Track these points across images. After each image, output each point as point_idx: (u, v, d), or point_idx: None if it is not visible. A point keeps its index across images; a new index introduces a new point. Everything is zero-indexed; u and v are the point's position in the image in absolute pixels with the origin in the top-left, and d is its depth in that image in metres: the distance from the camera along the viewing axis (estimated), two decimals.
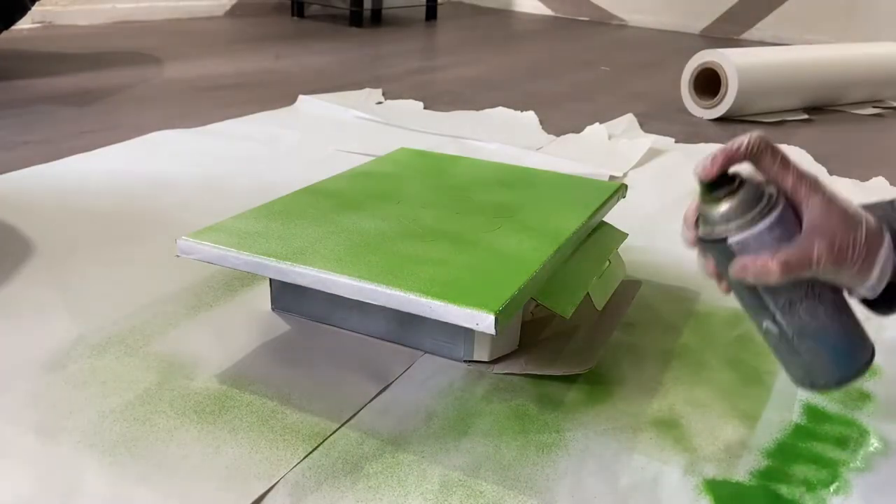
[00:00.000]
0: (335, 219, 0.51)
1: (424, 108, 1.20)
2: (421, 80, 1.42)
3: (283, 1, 2.39)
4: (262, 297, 0.56)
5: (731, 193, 0.35)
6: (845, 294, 0.37)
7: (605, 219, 0.59)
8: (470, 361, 0.49)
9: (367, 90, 1.27)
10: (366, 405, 0.44)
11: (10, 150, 0.86)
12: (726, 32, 2.43)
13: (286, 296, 0.53)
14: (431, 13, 2.39)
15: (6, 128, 0.95)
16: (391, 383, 0.46)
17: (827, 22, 2.25)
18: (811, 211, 0.34)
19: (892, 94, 1.45)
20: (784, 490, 0.39)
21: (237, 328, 0.52)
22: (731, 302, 0.59)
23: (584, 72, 1.65)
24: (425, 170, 0.63)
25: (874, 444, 0.44)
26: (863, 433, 0.45)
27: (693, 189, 0.36)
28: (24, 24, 1.70)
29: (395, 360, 0.49)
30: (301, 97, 1.16)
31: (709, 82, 1.27)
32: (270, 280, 0.54)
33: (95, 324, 0.51)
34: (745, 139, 0.34)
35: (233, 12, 2.21)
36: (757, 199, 0.34)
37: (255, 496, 0.37)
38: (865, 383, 0.50)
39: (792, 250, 0.34)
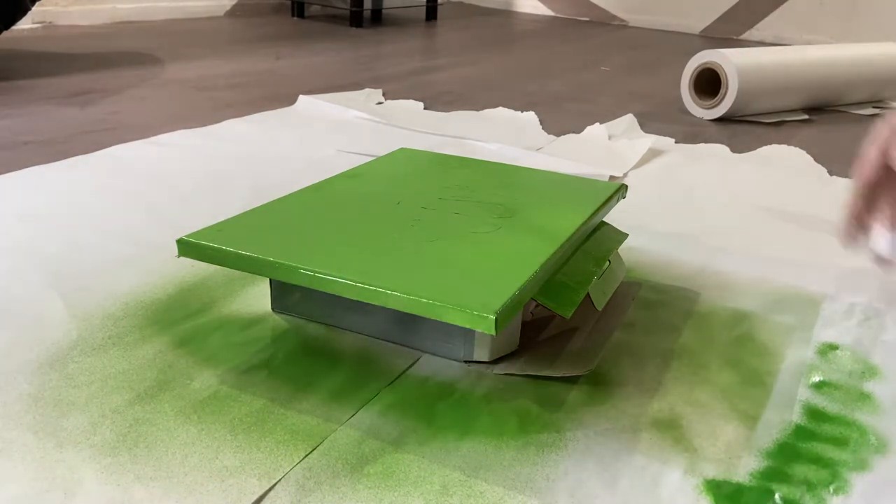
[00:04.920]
0: (335, 219, 0.51)
1: (425, 108, 1.20)
2: (421, 80, 1.42)
3: (283, 1, 2.40)
4: (262, 297, 0.56)
5: None
6: None
7: (605, 219, 0.59)
8: (470, 362, 0.49)
9: (367, 90, 1.27)
10: (366, 405, 0.44)
11: (11, 150, 0.86)
12: (726, 32, 2.43)
13: (286, 296, 0.53)
14: (431, 13, 2.39)
15: (7, 128, 0.95)
16: (391, 383, 0.47)
17: (827, 22, 2.25)
18: None
19: (892, 94, 1.45)
20: (784, 490, 0.39)
21: (237, 328, 0.52)
22: (731, 302, 0.59)
23: (584, 72, 1.65)
24: (425, 170, 0.63)
25: (874, 444, 0.44)
26: (863, 433, 0.45)
27: (692, 188, 0.36)
28: (24, 24, 1.71)
29: (395, 360, 0.49)
30: (301, 97, 1.16)
31: (709, 82, 1.27)
32: (270, 280, 0.54)
33: (95, 323, 0.51)
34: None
35: (233, 12, 2.21)
36: None
37: (255, 496, 0.37)
38: (865, 383, 0.50)
39: None
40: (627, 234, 0.59)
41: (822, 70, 1.31)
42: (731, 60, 1.21)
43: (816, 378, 0.50)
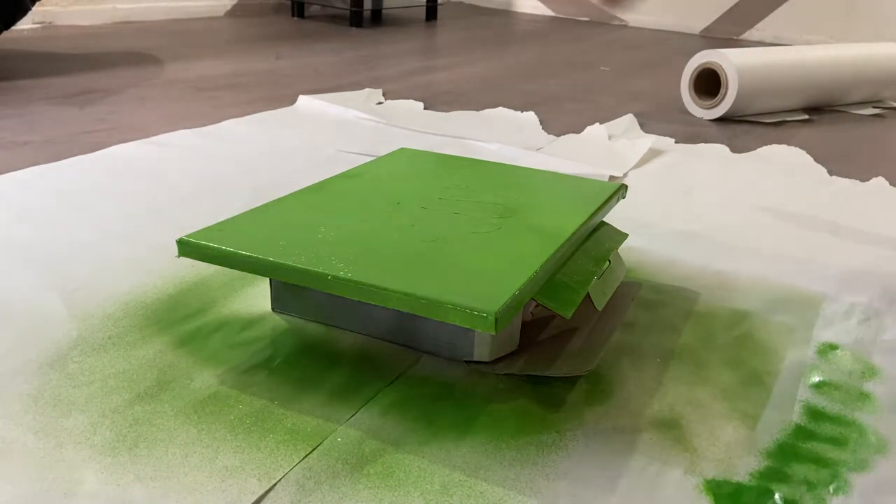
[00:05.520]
0: (335, 219, 0.51)
1: (425, 108, 1.20)
2: (421, 81, 1.42)
3: (283, 1, 2.40)
4: (262, 297, 0.56)
5: None
6: None
7: (605, 219, 0.59)
8: (470, 361, 0.49)
9: (367, 90, 1.27)
10: (366, 405, 0.44)
11: (11, 150, 0.86)
12: (726, 32, 2.43)
13: (286, 296, 0.53)
14: (431, 13, 2.39)
15: (7, 128, 0.95)
16: (391, 383, 0.47)
17: (827, 22, 2.25)
18: None
19: (892, 94, 1.45)
20: (784, 490, 0.39)
21: (237, 328, 0.52)
22: (731, 302, 0.59)
23: (584, 72, 1.65)
24: (425, 170, 0.63)
25: (874, 444, 0.44)
26: (863, 433, 0.45)
27: (692, 188, 0.36)
28: (24, 24, 1.71)
29: (395, 360, 0.49)
30: (301, 97, 1.16)
31: (709, 82, 1.28)
32: (270, 280, 0.54)
33: (95, 323, 0.51)
34: None
35: (233, 12, 2.21)
36: None
37: (255, 496, 0.37)
38: (865, 383, 0.50)
39: None
40: (627, 235, 0.59)
41: (822, 70, 1.31)
42: (731, 60, 1.21)
43: (816, 378, 0.50)
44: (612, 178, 0.89)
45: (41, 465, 0.38)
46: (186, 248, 0.47)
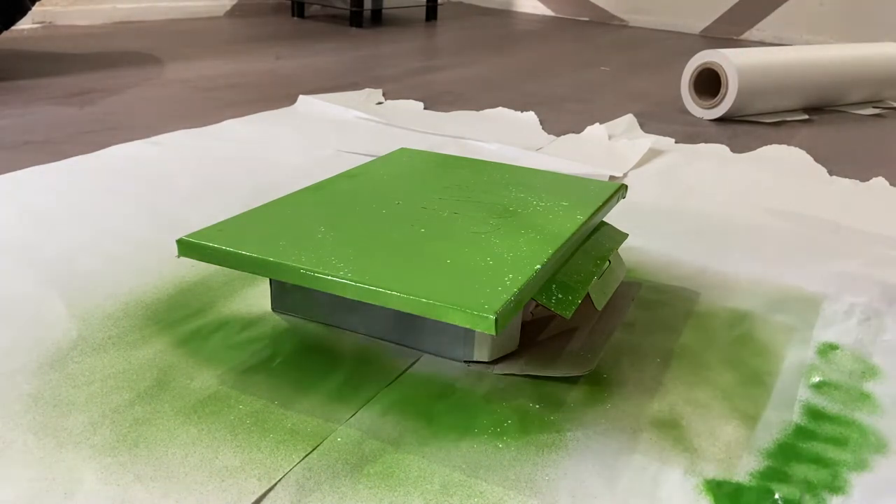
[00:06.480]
0: (335, 219, 0.51)
1: (425, 108, 1.20)
2: (421, 81, 1.42)
3: (283, 1, 2.40)
4: (262, 297, 0.56)
5: None
6: None
7: (605, 219, 0.59)
8: (470, 362, 0.49)
9: (367, 90, 1.27)
10: (366, 405, 0.44)
11: (11, 150, 0.86)
12: (726, 32, 2.43)
13: (286, 296, 0.53)
14: (431, 13, 2.39)
15: (6, 128, 0.95)
16: (391, 383, 0.47)
17: (827, 22, 2.25)
18: None
19: (892, 94, 1.45)
20: (784, 490, 0.39)
21: (237, 328, 0.52)
22: (731, 302, 0.59)
23: (584, 72, 1.65)
24: (425, 170, 0.63)
25: (874, 444, 0.44)
26: (863, 433, 0.45)
27: (692, 188, 0.36)
28: (24, 24, 1.71)
29: (395, 360, 0.49)
30: (301, 97, 1.16)
31: (709, 82, 1.28)
32: (270, 280, 0.54)
33: (95, 323, 0.51)
34: None
35: (233, 13, 2.21)
36: None
37: (255, 496, 0.37)
38: (865, 383, 0.50)
39: None
40: (627, 235, 0.59)
41: (822, 70, 1.31)
42: (731, 60, 1.21)
43: (816, 378, 0.50)
44: (612, 178, 0.89)
45: (41, 465, 0.38)
46: (186, 248, 0.47)
